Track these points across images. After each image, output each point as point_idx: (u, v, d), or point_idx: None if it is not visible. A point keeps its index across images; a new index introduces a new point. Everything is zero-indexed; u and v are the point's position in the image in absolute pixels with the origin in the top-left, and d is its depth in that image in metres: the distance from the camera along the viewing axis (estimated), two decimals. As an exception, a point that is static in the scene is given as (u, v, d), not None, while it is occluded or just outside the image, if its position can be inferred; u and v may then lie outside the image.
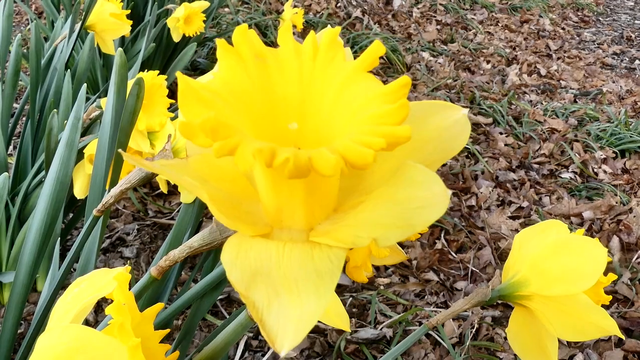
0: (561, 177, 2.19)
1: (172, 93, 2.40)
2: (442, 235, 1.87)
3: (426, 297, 1.69)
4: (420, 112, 0.35)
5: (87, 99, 1.94)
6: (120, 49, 0.79)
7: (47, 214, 0.80)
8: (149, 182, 0.66)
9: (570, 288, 0.67)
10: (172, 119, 1.21)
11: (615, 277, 0.73)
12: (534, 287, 0.69)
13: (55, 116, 1.12)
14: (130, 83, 1.13)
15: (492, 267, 1.79)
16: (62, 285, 0.67)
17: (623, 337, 0.71)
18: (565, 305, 0.69)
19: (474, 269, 1.77)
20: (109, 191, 0.73)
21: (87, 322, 1.32)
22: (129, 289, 0.46)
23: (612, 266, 1.79)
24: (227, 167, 0.33)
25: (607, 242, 1.89)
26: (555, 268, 0.69)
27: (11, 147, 1.79)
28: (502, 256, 1.84)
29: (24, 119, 1.70)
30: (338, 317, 0.56)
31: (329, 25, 0.34)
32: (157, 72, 1.14)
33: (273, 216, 0.32)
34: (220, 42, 0.33)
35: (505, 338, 1.56)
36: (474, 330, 1.55)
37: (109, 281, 0.42)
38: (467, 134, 0.34)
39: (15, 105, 1.87)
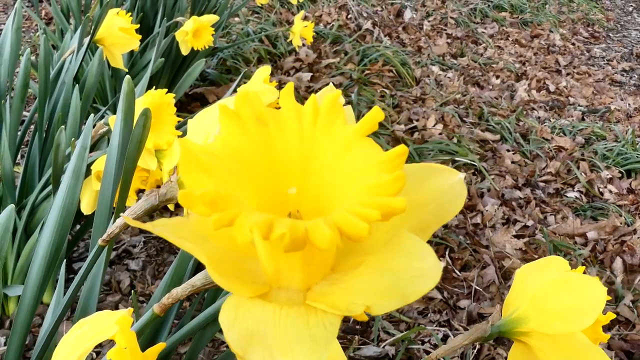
0: (567, 196, 2.19)
1: (180, 108, 2.39)
2: (447, 253, 1.87)
3: (429, 315, 1.70)
4: (417, 174, 0.35)
5: (96, 109, 1.95)
6: (128, 76, 0.80)
7: (52, 242, 0.80)
8: (154, 212, 0.67)
9: (569, 326, 0.68)
10: (180, 136, 1.22)
11: (613, 316, 0.73)
12: (533, 324, 0.70)
13: (63, 132, 1.13)
14: (138, 101, 1.14)
15: (496, 286, 1.79)
16: (67, 311, 0.68)
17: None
18: (564, 344, 0.69)
19: (477, 287, 1.78)
20: (114, 218, 0.73)
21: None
22: (132, 324, 0.47)
23: (614, 288, 1.79)
24: (228, 226, 0.33)
25: (610, 263, 1.89)
26: (555, 306, 0.69)
27: (19, 157, 1.80)
28: (505, 275, 1.84)
29: (32, 127, 1.70)
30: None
31: (327, 88, 0.35)
32: (166, 90, 1.15)
33: (271, 277, 0.33)
34: (221, 107, 0.33)
35: (506, 358, 1.56)
36: (475, 350, 1.55)
37: (111, 324, 0.43)
38: (462, 199, 0.35)
39: (25, 113, 1.88)
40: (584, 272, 0.71)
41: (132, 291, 1.18)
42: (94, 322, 0.44)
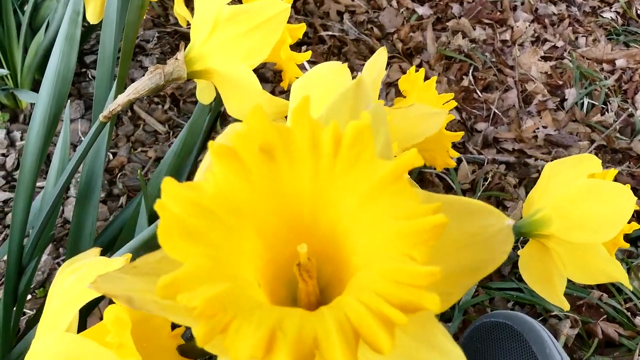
0: (602, 17, 2.07)
1: None
2: (471, 71, 1.81)
3: (445, 135, 1.67)
4: (459, 209, 0.30)
5: None
6: None
7: (49, 108, 0.75)
8: (159, 91, 0.62)
9: (592, 237, 0.65)
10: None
11: (637, 226, 0.71)
12: (555, 228, 0.67)
13: None
14: None
15: (515, 111, 1.75)
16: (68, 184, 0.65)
17: (631, 287, 0.70)
18: (583, 252, 0.67)
19: (496, 111, 1.73)
20: (117, 89, 0.68)
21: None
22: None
23: (632, 121, 1.75)
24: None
25: (633, 94, 1.83)
26: (579, 214, 0.66)
27: None
28: (526, 99, 1.79)
29: None
30: None
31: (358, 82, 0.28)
32: None
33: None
34: (212, 148, 0.27)
35: (515, 186, 1.56)
36: (487, 183, 1.55)
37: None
38: (509, 247, 0.30)
39: None
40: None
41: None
42: (90, 270, 0.41)
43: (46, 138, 0.73)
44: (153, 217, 0.75)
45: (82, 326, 0.43)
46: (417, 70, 0.75)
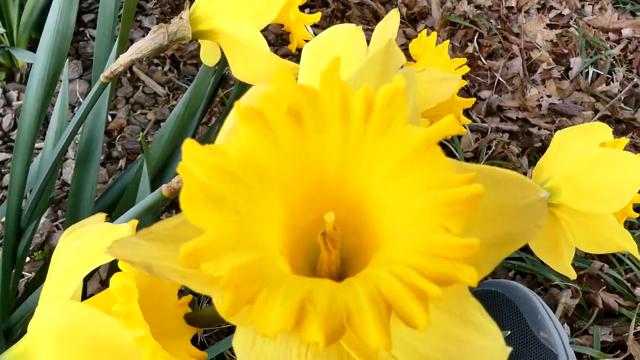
0: (610, -15, 2.04)
1: None
2: (476, 38, 1.78)
3: (447, 103, 1.65)
4: (489, 178, 0.28)
5: None
6: None
7: (48, 67, 0.72)
8: (162, 52, 0.60)
9: (602, 207, 0.64)
10: None
11: (649, 196, 0.69)
12: (564, 197, 0.66)
13: None
14: None
15: (520, 79, 1.73)
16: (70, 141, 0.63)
17: (640, 257, 0.69)
18: (592, 221, 0.66)
19: (501, 78, 1.71)
20: (118, 49, 0.66)
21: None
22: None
23: (637, 91, 1.73)
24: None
25: (639, 64, 1.81)
26: (589, 183, 0.65)
27: None
28: (531, 68, 1.76)
29: None
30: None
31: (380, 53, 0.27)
32: None
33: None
34: (238, 109, 0.25)
35: (518, 155, 1.55)
36: (490, 151, 1.53)
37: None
38: (542, 220, 0.28)
39: None
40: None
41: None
42: (94, 236, 0.39)
43: (45, 98, 0.71)
44: (155, 182, 0.73)
45: (82, 291, 0.42)
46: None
